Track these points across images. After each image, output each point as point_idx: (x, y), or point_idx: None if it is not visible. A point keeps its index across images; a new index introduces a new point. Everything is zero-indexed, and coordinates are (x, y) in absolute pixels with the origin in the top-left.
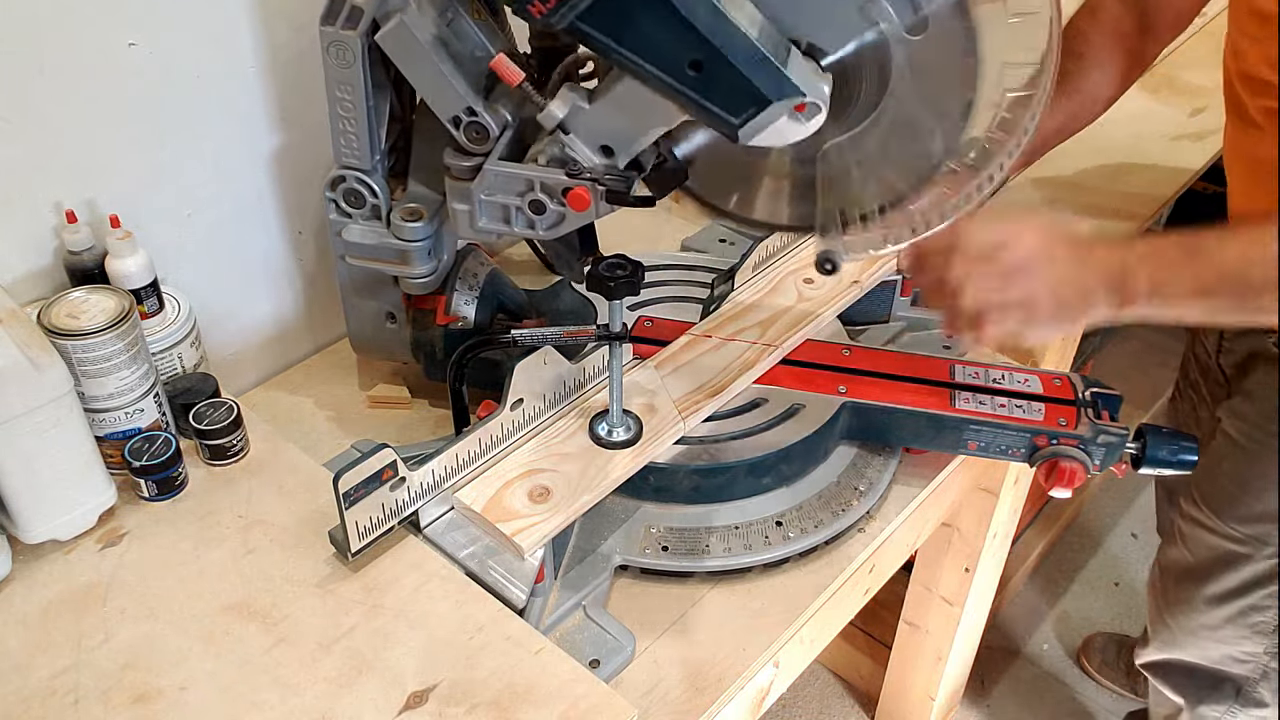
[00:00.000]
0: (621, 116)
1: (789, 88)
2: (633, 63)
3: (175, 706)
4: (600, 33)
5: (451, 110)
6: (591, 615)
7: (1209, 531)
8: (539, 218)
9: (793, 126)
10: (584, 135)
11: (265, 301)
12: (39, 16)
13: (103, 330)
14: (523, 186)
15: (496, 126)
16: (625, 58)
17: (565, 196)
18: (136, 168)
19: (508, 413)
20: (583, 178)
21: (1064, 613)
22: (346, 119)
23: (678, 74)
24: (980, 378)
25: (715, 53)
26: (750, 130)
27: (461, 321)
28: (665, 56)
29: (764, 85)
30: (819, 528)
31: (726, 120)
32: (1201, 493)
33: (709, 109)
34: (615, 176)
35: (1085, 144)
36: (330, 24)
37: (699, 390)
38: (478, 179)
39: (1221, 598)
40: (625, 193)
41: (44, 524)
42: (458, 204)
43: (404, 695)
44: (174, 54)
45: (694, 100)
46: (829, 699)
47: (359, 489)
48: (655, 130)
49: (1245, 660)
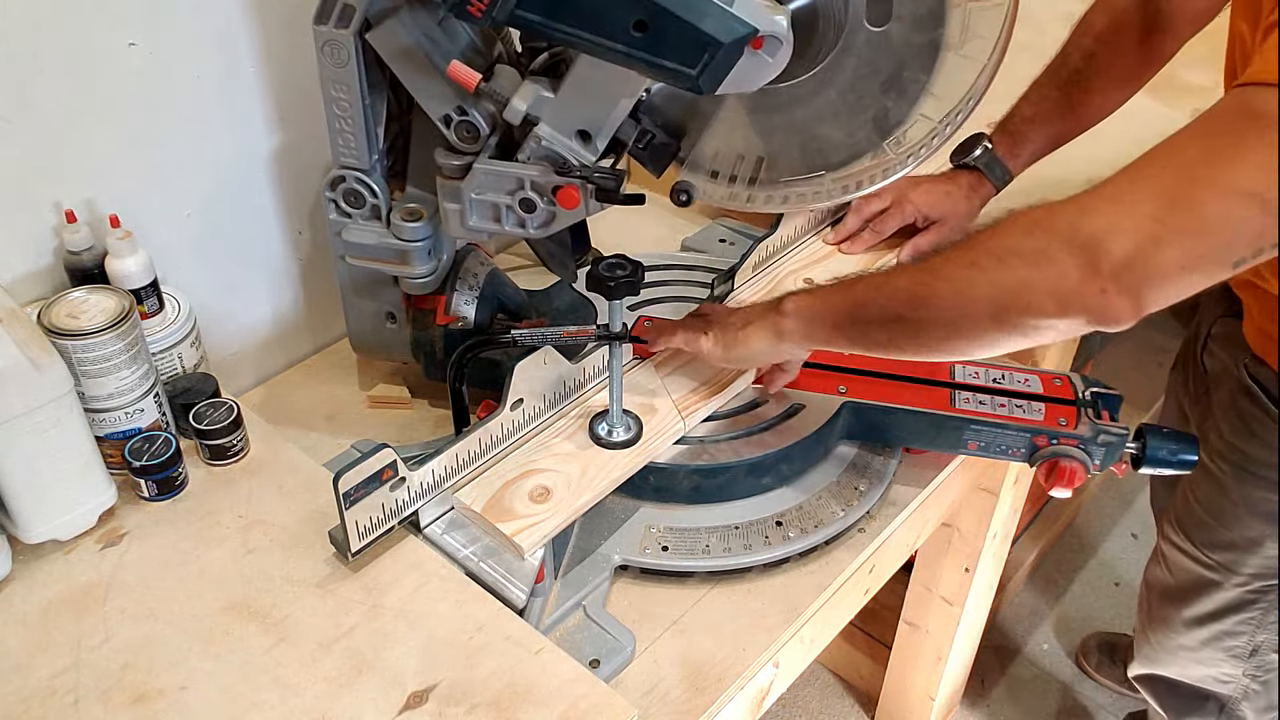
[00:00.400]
0: (587, 97)
1: (738, 24)
2: (580, 39)
3: (175, 706)
4: (541, 18)
5: (442, 109)
6: (591, 615)
7: (1185, 555)
8: (529, 216)
9: (757, 66)
10: (557, 124)
11: (265, 301)
12: (39, 16)
13: (103, 330)
14: (512, 185)
15: (487, 125)
16: (571, 36)
17: (555, 195)
18: (136, 168)
19: (508, 413)
20: (572, 175)
21: (1064, 613)
22: (343, 118)
23: (625, 39)
24: (980, 378)
25: (654, 7)
26: (712, 78)
27: (461, 321)
28: (608, 25)
29: (710, 27)
30: (819, 528)
31: (684, 74)
32: (1177, 516)
33: (664, 66)
34: (604, 174)
35: (1085, 144)
36: (323, 23)
37: (699, 389)
38: (468, 177)
39: (1198, 621)
40: (615, 190)
41: (44, 524)
42: (449, 203)
43: (404, 695)
44: (174, 54)
45: (647, 61)
46: (829, 699)
47: (359, 489)
48: (624, 103)
49: (1226, 681)
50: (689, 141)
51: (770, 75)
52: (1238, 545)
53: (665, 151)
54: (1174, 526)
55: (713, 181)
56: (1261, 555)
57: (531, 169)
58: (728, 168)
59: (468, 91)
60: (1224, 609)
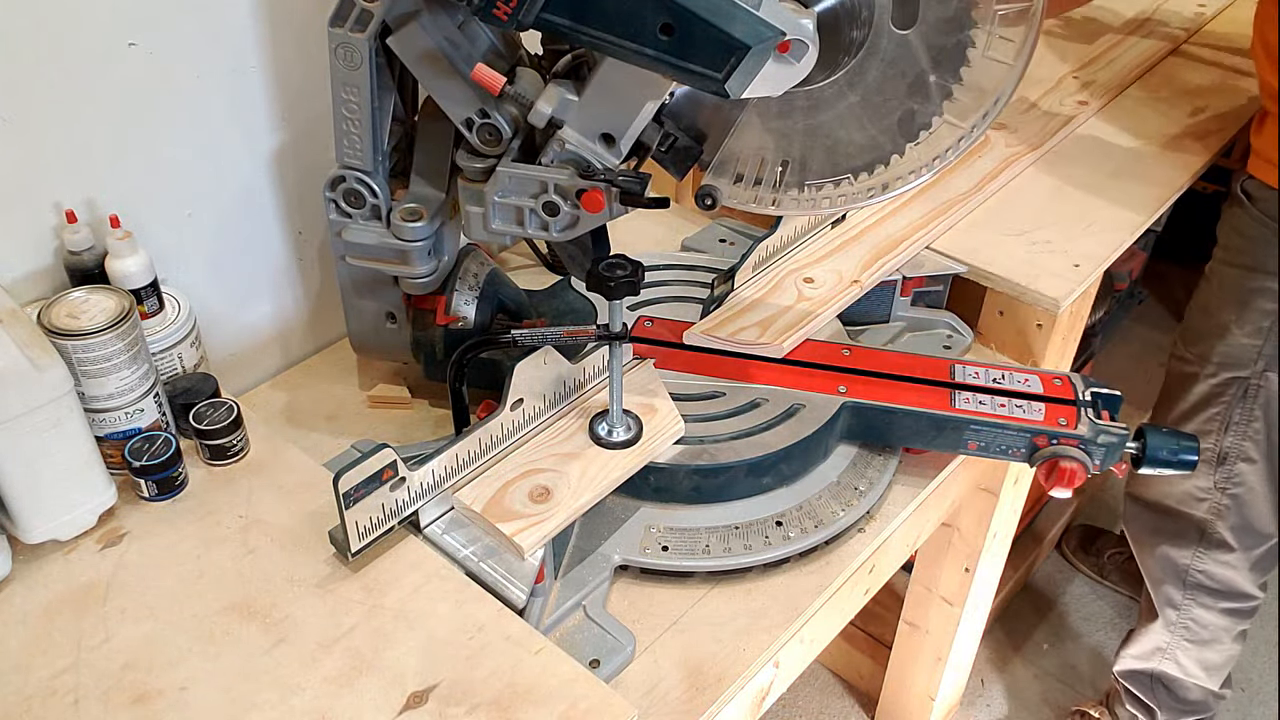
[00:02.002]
0: (611, 99)
1: (765, 28)
2: (606, 42)
3: (175, 706)
4: (567, 20)
5: (464, 112)
6: (591, 615)
7: (1176, 359)
8: (553, 219)
9: (784, 70)
10: (580, 127)
11: (265, 301)
12: (39, 16)
13: (103, 330)
14: (536, 188)
15: (509, 128)
16: (597, 39)
17: (579, 198)
18: (136, 168)
19: (508, 413)
20: (596, 179)
21: (1063, 613)
22: (351, 120)
23: (651, 42)
24: (980, 378)
25: (682, 11)
26: (738, 82)
27: (461, 321)
28: (634, 28)
29: (738, 31)
30: (819, 528)
31: (710, 77)
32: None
33: (690, 69)
34: (628, 178)
35: (1085, 144)
36: (339, 26)
37: None
38: (491, 181)
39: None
40: (640, 194)
41: (44, 524)
42: (471, 206)
43: (404, 695)
44: (174, 54)
45: (673, 64)
46: (829, 699)
47: (359, 489)
48: (648, 106)
49: (1201, 498)
50: (712, 145)
51: (796, 79)
52: (1210, 334)
53: (688, 155)
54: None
55: (737, 185)
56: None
57: (555, 172)
58: (752, 171)
59: (491, 95)
60: (1196, 404)
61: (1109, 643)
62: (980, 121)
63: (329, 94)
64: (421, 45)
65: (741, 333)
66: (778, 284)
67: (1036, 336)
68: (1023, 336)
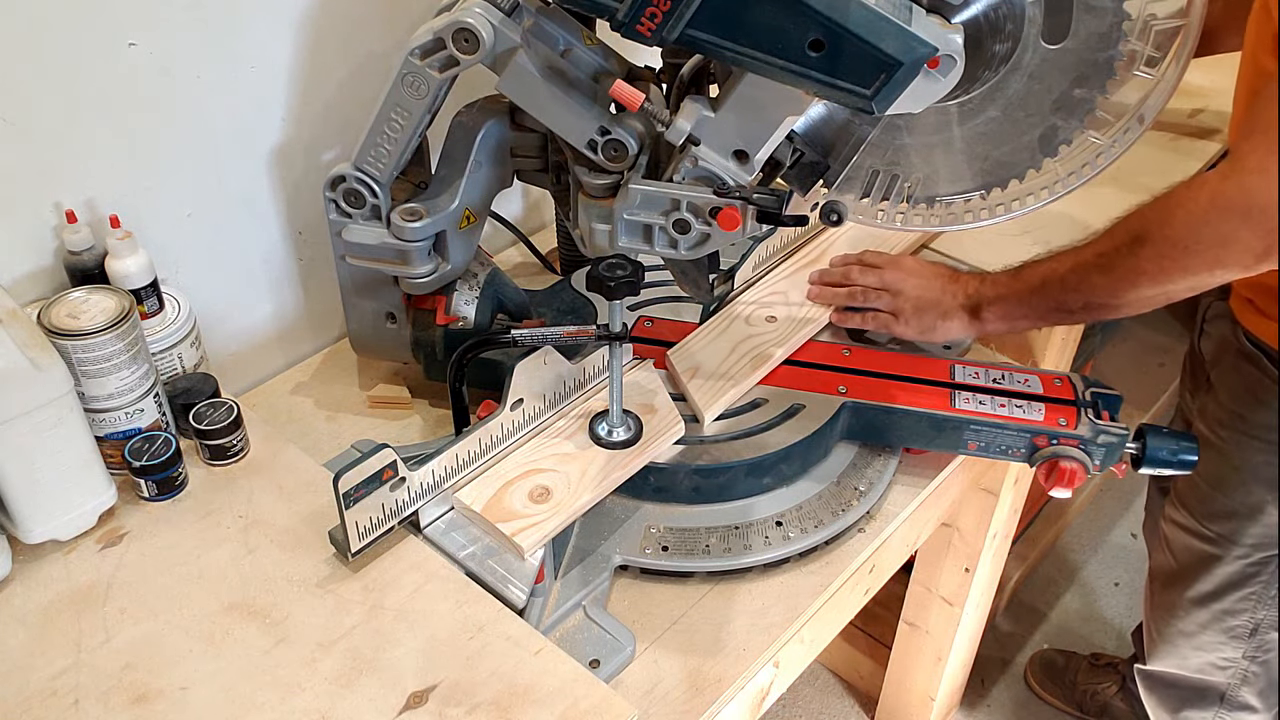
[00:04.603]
0: (749, 115)
1: (918, 44)
2: (752, 58)
3: (175, 706)
4: (714, 36)
5: (586, 134)
6: (591, 615)
7: (1186, 532)
8: (682, 237)
9: (929, 86)
10: (714, 144)
11: (265, 301)
12: (39, 16)
13: (103, 330)
14: (667, 205)
15: (635, 142)
16: (743, 54)
17: (714, 216)
18: (136, 168)
19: (508, 413)
20: (732, 196)
21: (1063, 613)
22: (390, 137)
23: (799, 58)
24: (980, 378)
25: (835, 27)
26: (885, 98)
27: (461, 321)
28: (783, 43)
29: (891, 48)
30: (819, 528)
31: (858, 94)
32: (1179, 493)
33: (838, 86)
34: (765, 195)
35: None
36: (422, 59)
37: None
38: (620, 197)
39: (1200, 601)
40: (778, 211)
41: (44, 524)
42: (598, 223)
43: (404, 695)
44: (174, 54)
45: (821, 81)
46: (829, 699)
47: (359, 489)
48: (787, 121)
49: (1225, 666)
50: (839, 159)
51: (940, 95)
52: (1238, 514)
53: (814, 170)
54: (1176, 504)
55: (864, 200)
56: (1261, 524)
57: (690, 190)
58: (881, 187)
59: (615, 111)
60: (1225, 585)
61: (1109, 643)
62: (1121, 136)
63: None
64: (529, 82)
65: None
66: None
67: (1036, 336)
68: (1023, 336)
